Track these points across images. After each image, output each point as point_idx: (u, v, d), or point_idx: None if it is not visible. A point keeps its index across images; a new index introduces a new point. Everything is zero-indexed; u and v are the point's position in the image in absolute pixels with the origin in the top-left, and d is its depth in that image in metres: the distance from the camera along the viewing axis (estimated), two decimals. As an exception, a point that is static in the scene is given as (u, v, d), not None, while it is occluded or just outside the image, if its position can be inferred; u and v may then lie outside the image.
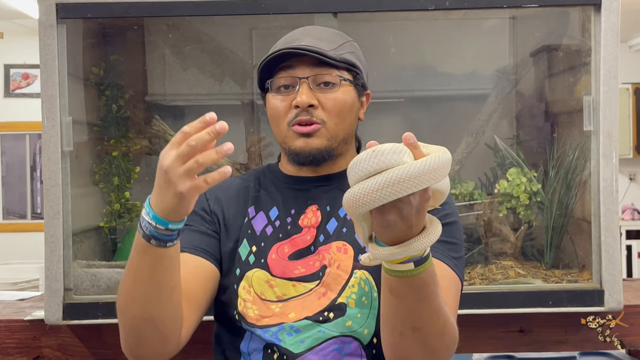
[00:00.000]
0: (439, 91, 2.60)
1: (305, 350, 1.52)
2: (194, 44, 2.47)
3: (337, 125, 1.58)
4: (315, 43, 1.57)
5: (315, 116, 1.56)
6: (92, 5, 2.06)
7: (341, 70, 1.58)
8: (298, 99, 1.55)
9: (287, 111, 1.58)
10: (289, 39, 1.61)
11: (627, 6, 3.36)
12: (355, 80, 1.61)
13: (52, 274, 2.04)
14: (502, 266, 2.25)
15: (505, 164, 2.32)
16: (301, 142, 1.57)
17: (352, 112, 1.61)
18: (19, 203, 7.73)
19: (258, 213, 1.64)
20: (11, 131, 7.61)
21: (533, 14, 2.39)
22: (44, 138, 2.04)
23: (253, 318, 1.55)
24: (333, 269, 1.55)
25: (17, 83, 7.63)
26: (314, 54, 1.54)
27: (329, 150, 1.59)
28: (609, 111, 2.04)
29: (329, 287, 1.55)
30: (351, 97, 1.60)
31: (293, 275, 1.56)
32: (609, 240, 2.05)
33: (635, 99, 7.99)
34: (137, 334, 1.42)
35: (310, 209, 1.62)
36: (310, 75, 1.56)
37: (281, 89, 1.59)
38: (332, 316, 1.53)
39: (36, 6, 2.06)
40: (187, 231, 1.59)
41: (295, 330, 1.53)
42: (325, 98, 1.57)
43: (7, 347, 2.14)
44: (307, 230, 1.60)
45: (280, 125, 1.59)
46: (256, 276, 1.58)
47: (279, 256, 1.58)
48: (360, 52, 1.67)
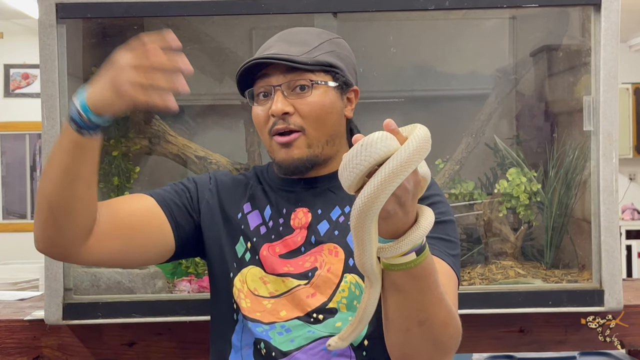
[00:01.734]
0: (439, 91, 2.60)
1: (294, 349, 1.53)
2: (194, 44, 2.46)
3: (317, 130, 1.57)
4: (286, 49, 1.57)
5: (292, 123, 1.56)
6: (92, 5, 2.06)
7: (316, 73, 1.57)
8: (273, 107, 1.56)
9: (266, 120, 1.58)
10: (265, 47, 1.62)
11: (627, 6, 3.36)
12: (334, 80, 1.59)
13: (52, 274, 2.04)
14: (502, 266, 2.25)
15: (505, 164, 2.32)
16: (283, 154, 1.58)
17: (333, 113, 1.60)
18: (19, 203, 7.73)
19: (253, 210, 1.65)
20: (11, 131, 7.62)
21: (533, 14, 2.38)
22: (44, 138, 2.04)
23: (245, 309, 1.57)
24: (323, 272, 1.55)
25: (17, 83, 7.63)
26: (282, 61, 1.54)
27: (311, 159, 1.58)
28: (609, 111, 2.04)
29: (319, 289, 1.55)
30: (329, 98, 1.58)
31: (282, 272, 1.57)
32: (609, 240, 2.05)
33: (635, 99, 8.00)
34: (40, 214, 1.47)
35: (300, 210, 1.62)
36: (284, 82, 1.56)
37: (260, 97, 1.60)
38: (322, 318, 1.54)
39: (36, 6, 2.06)
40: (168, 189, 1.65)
41: (286, 329, 1.54)
42: (300, 104, 1.56)
43: (7, 347, 2.14)
44: (298, 231, 1.60)
45: (263, 135, 1.61)
46: (251, 273, 1.59)
47: (269, 253, 1.59)
48: (344, 47, 1.65)
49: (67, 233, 1.47)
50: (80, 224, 1.48)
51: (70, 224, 1.46)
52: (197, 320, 2.07)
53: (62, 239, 1.48)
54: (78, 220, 1.47)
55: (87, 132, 1.38)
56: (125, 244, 1.56)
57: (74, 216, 1.46)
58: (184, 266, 2.24)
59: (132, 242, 1.57)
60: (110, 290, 2.13)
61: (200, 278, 2.20)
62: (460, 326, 1.44)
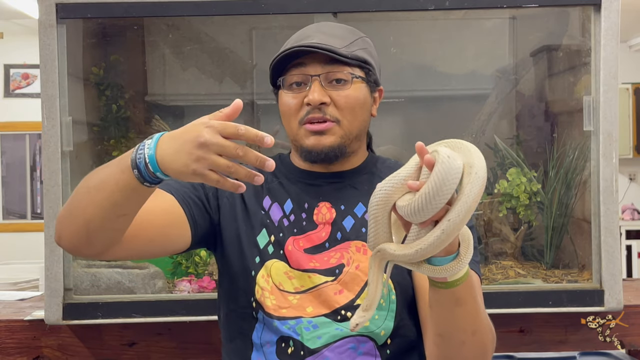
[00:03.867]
0: (439, 91, 2.60)
1: (322, 347, 1.52)
2: (194, 44, 2.47)
3: (351, 123, 1.58)
4: (327, 40, 1.56)
5: (327, 114, 1.56)
6: (92, 5, 2.06)
7: (353, 67, 1.57)
8: (310, 96, 1.55)
9: (298, 109, 1.57)
10: (301, 36, 1.60)
11: (627, 6, 3.36)
12: (367, 77, 1.60)
13: (52, 274, 2.04)
14: (502, 266, 2.25)
15: (505, 164, 2.32)
16: (313, 140, 1.57)
17: (365, 109, 1.60)
18: (19, 203, 7.73)
19: (273, 204, 1.63)
20: (11, 131, 7.61)
21: (533, 14, 2.39)
22: (44, 138, 2.04)
23: (270, 308, 1.55)
24: (352, 269, 1.55)
25: (17, 83, 7.63)
26: (326, 51, 1.54)
27: (341, 148, 1.58)
28: (609, 111, 2.04)
29: (346, 286, 1.54)
30: (363, 94, 1.59)
31: (307, 267, 1.56)
32: (609, 240, 2.05)
33: (635, 99, 7.99)
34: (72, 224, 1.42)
35: (323, 205, 1.61)
36: (322, 72, 1.55)
37: (293, 86, 1.58)
38: (350, 315, 1.53)
39: (36, 6, 2.06)
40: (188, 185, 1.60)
41: (313, 325, 1.53)
42: (337, 95, 1.56)
43: (7, 347, 2.14)
44: (322, 226, 1.59)
45: (291, 123, 1.59)
46: (275, 267, 1.57)
47: (295, 248, 1.58)
48: (373, 48, 1.66)
49: (96, 245, 1.45)
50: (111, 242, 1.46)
51: (102, 241, 1.44)
52: (197, 320, 2.07)
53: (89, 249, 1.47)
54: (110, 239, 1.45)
55: (149, 184, 1.32)
56: (146, 245, 1.54)
57: (108, 238, 1.44)
58: (184, 266, 2.24)
59: (153, 242, 1.55)
60: (110, 290, 2.13)
61: (200, 278, 2.20)
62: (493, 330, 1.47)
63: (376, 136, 1.83)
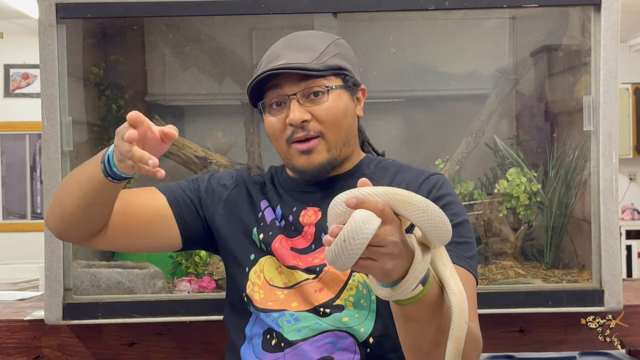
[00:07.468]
0: (439, 91, 2.60)
1: (301, 340, 1.55)
2: (194, 44, 2.47)
3: (335, 134, 1.59)
4: (297, 57, 1.56)
5: (311, 130, 1.57)
6: (92, 5, 2.06)
7: (328, 77, 1.58)
8: (291, 116, 1.56)
9: (283, 129, 1.59)
10: (271, 56, 1.61)
11: (627, 6, 3.35)
12: (345, 82, 1.60)
13: (52, 274, 2.04)
14: (502, 266, 2.25)
15: (505, 164, 2.32)
16: (304, 160, 1.59)
17: (348, 115, 1.61)
18: (19, 203, 7.72)
19: (267, 207, 1.68)
20: (11, 131, 7.61)
21: (533, 14, 2.38)
22: (44, 138, 2.04)
23: (258, 301, 1.60)
24: (332, 268, 1.56)
25: (17, 83, 7.62)
26: (297, 70, 1.55)
27: (331, 162, 1.60)
28: (609, 111, 2.04)
29: (327, 285, 1.57)
30: (344, 101, 1.60)
31: (291, 264, 1.60)
32: (609, 240, 2.05)
33: (635, 99, 7.98)
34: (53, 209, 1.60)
35: (311, 209, 1.64)
36: (298, 90, 1.57)
37: (273, 107, 1.60)
38: (329, 312, 1.56)
39: (36, 6, 2.06)
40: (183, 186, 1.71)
41: (295, 318, 1.56)
42: (317, 110, 1.57)
43: (7, 347, 2.14)
44: (307, 228, 1.62)
45: (280, 144, 1.61)
46: (268, 262, 1.62)
47: (281, 245, 1.62)
48: (347, 48, 1.66)
49: (75, 231, 1.61)
50: (88, 231, 1.62)
51: (79, 228, 1.60)
52: (197, 320, 2.08)
53: (71, 235, 1.63)
54: (87, 228, 1.61)
55: (112, 179, 1.47)
56: (129, 238, 1.67)
57: (83, 225, 1.59)
58: (184, 266, 2.24)
59: (135, 236, 1.67)
60: (110, 290, 2.13)
61: (200, 278, 2.20)
62: (479, 337, 1.44)
63: (376, 136, 1.83)
